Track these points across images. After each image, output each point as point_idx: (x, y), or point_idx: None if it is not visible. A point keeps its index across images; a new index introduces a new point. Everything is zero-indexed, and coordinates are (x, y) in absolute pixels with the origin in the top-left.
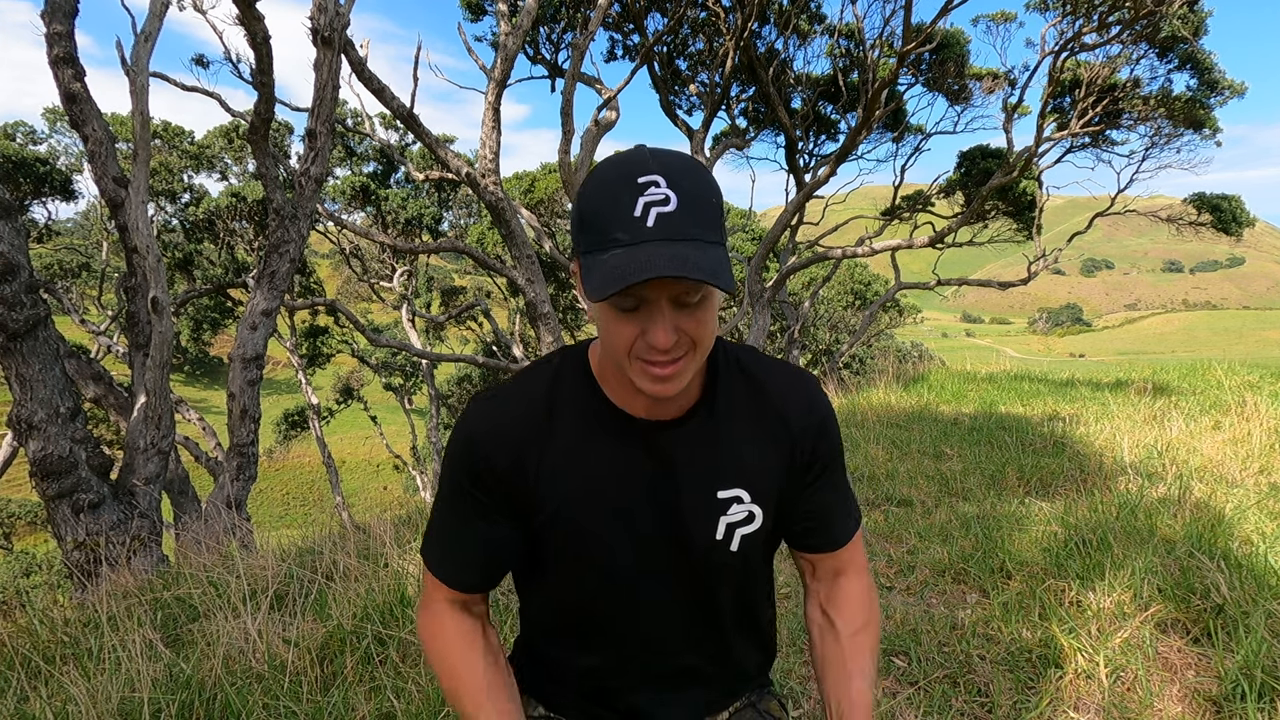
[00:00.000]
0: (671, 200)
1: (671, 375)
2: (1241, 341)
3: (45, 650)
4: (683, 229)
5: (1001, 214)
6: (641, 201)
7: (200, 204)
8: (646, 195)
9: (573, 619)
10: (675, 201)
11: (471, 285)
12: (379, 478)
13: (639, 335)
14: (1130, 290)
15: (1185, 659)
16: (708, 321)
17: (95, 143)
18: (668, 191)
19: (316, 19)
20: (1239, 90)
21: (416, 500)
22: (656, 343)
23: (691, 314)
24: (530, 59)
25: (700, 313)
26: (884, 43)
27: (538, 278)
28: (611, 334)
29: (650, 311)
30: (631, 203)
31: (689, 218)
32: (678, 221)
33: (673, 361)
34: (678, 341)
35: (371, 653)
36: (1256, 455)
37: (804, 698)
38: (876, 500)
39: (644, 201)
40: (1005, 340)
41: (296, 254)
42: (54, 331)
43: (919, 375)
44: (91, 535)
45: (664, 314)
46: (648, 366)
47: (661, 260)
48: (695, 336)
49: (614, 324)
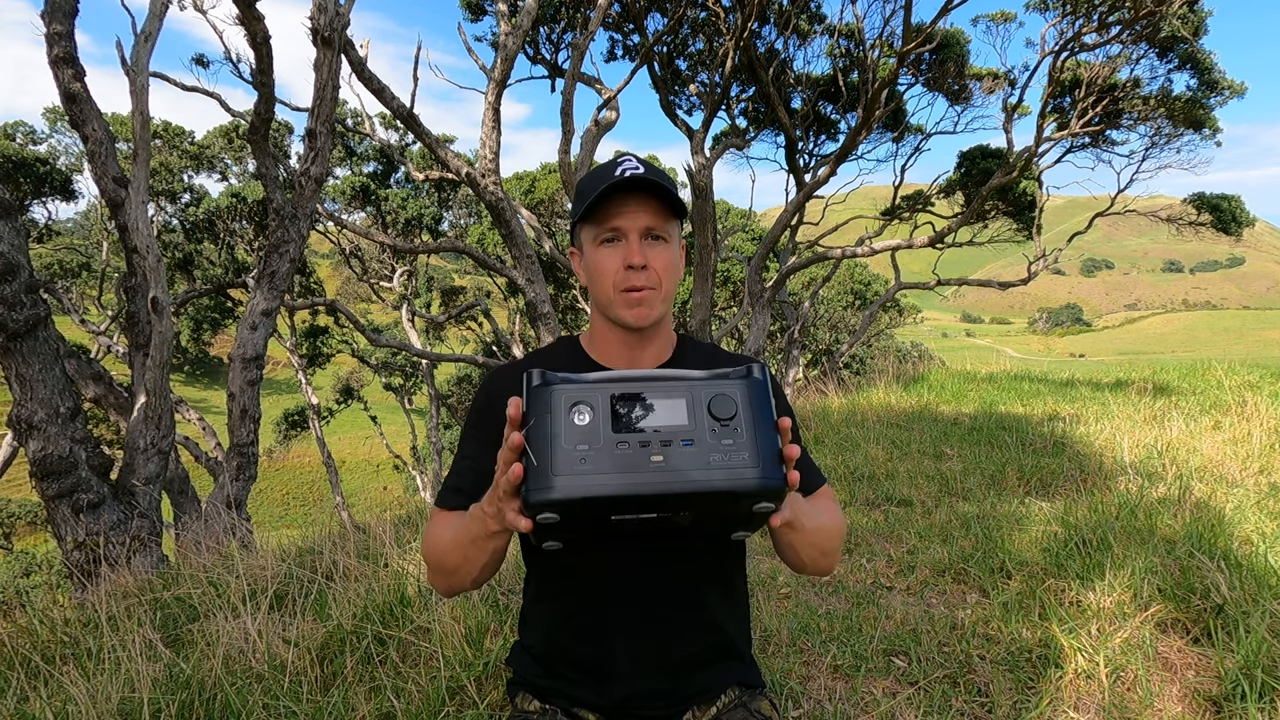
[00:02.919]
0: (640, 168)
1: (644, 299)
2: (1241, 341)
3: (45, 650)
4: (649, 178)
5: (1001, 214)
6: (619, 169)
7: (200, 204)
8: (622, 165)
9: (557, 567)
10: (643, 169)
11: (471, 285)
12: (379, 478)
13: (620, 265)
14: (1130, 290)
15: (1185, 659)
16: (670, 259)
17: (95, 143)
18: (637, 164)
19: (316, 19)
20: (1239, 90)
21: (416, 500)
22: (632, 260)
23: (656, 249)
24: (530, 59)
25: (665, 249)
26: (884, 43)
27: (538, 278)
28: (600, 269)
29: (626, 242)
30: (612, 170)
31: (654, 176)
32: (645, 176)
33: (646, 289)
34: (648, 271)
35: (371, 653)
36: (1256, 455)
37: (804, 698)
38: (876, 500)
39: (621, 168)
40: (1005, 340)
41: (296, 254)
42: (54, 331)
43: (919, 375)
44: (91, 535)
45: (636, 241)
46: (626, 294)
47: (631, 182)
48: (660, 270)
49: (601, 260)
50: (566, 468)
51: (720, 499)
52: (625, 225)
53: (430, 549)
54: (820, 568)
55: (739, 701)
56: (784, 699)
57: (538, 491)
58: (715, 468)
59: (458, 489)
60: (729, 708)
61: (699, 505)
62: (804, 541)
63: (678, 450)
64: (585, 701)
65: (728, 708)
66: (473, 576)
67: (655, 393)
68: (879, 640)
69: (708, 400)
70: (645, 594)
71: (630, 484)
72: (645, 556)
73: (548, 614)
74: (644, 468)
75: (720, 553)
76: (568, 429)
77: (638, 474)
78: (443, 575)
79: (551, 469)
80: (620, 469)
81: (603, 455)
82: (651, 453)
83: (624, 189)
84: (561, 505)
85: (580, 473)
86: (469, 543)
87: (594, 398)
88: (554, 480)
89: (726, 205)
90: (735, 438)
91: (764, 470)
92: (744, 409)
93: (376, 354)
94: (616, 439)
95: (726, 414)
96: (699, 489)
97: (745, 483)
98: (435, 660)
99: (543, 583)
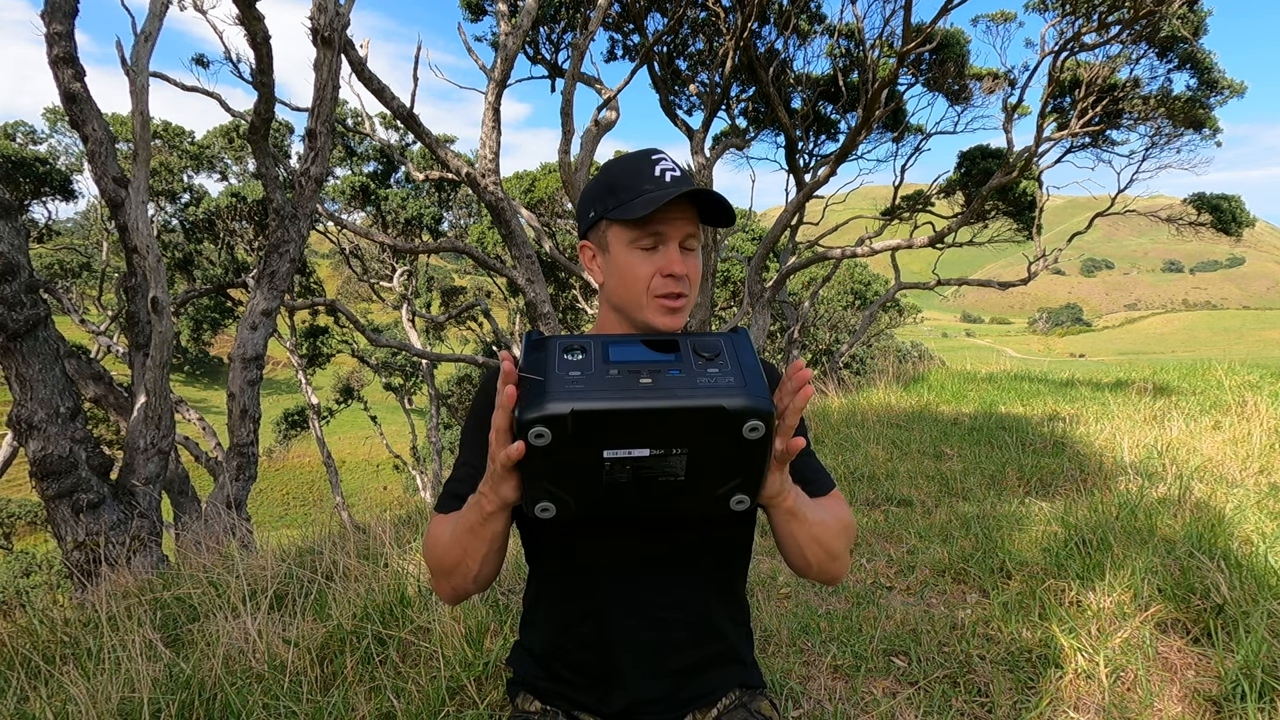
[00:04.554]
0: (677, 169)
1: (680, 308)
2: (1241, 341)
3: (45, 650)
4: (692, 182)
5: (1001, 214)
6: (658, 168)
7: (200, 204)
8: (661, 164)
9: (559, 565)
10: (679, 171)
11: (471, 285)
12: (379, 478)
13: (656, 272)
14: (1130, 290)
15: (1185, 659)
16: (700, 267)
17: (95, 143)
18: (673, 164)
19: (316, 19)
20: (1239, 90)
21: (416, 500)
22: (674, 269)
23: (690, 256)
24: (530, 59)
25: (695, 258)
26: (884, 43)
27: (538, 278)
28: (633, 276)
29: (666, 249)
30: (651, 169)
31: (691, 183)
32: (687, 182)
33: (680, 296)
34: (683, 280)
35: (371, 653)
36: (1256, 455)
37: (804, 698)
38: (876, 500)
39: (660, 168)
40: (1005, 340)
41: (296, 254)
42: (54, 331)
43: (919, 375)
44: (91, 535)
45: (677, 249)
46: (662, 301)
47: (687, 191)
48: (693, 277)
49: (636, 265)
50: (559, 389)
51: (709, 417)
52: (669, 232)
53: (430, 550)
54: (828, 571)
55: (739, 702)
56: (784, 699)
57: (529, 409)
58: (702, 388)
59: (457, 495)
60: (729, 709)
61: (689, 429)
62: (807, 535)
63: (666, 375)
64: (586, 706)
65: (728, 709)
66: (474, 573)
67: (645, 339)
68: (879, 640)
69: (693, 344)
70: (647, 603)
71: (620, 399)
72: (645, 562)
73: (548, 619)
74: (634, 388)
75: (722, 559)
76: (561, 362)
77: (628, 392)
78: (444, 576)
79: (545, 392)
80: (611, 389)
81: (595, 379)
82: (641, 377)
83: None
84: (552, 420)
85: (572, 392)
86: (466, 532)
87: (587, 343)
88: (546, 400)
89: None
90: (721, 367)
91: (751, 391)
92: (728, 350)
93: (376, 354)
94: (608, 368)
95: (712, 352)
96: (687, 404)
97: (732, 400)
98: (435, 660)
99: (543, 585)
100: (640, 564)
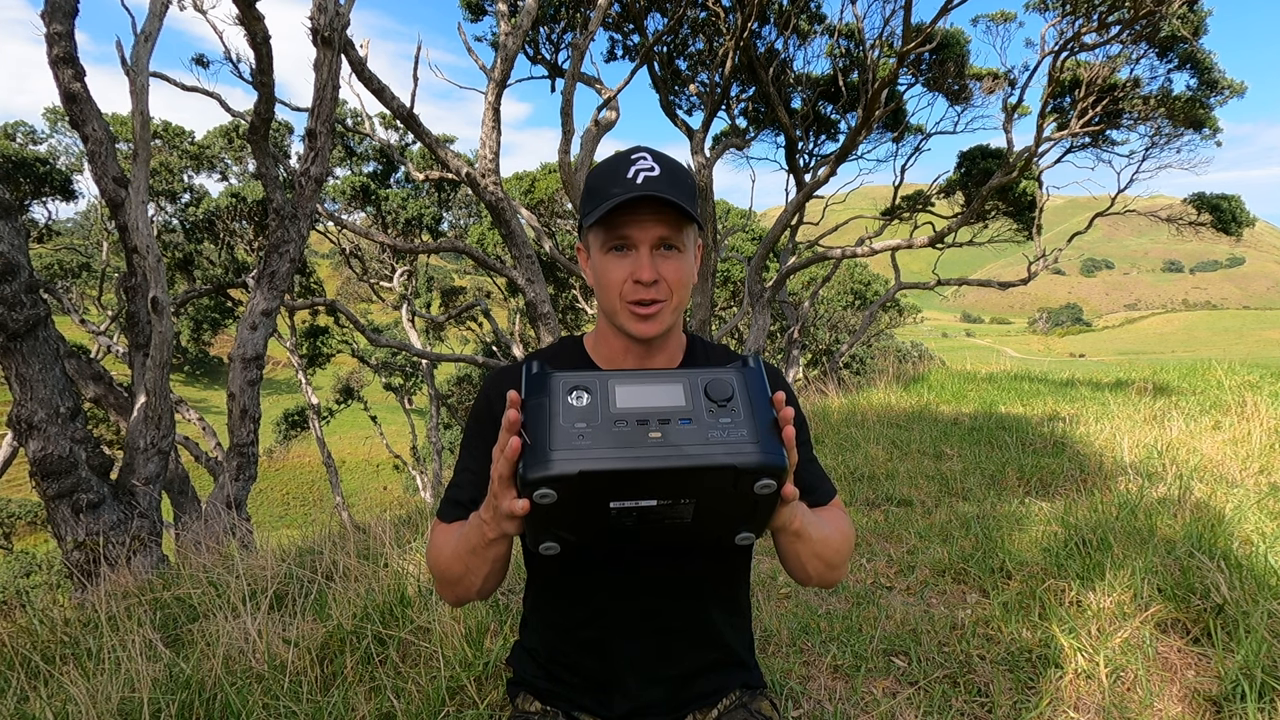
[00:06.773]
0: (656, 169)
1: (653, 314)
2: (1241, 341)
3: (45, 650)
4: (664, 190)
5: (1001, 214)
6: (633, 169)
7: (200, 204)
8: (637, 164)
9: (558, 573)
10: (659, 170)
11: (471, 285)
12: (379, 478)
13: (628, 276)
14: (1130, 290)
15: (1185, 659)
16: (683, 270)
17: (95, 143)
18: (654, 164)
19: (316, 19)
20: (1239, 90)
21: (416, 500)
22: (642, 275)
23: (669, 260)
24: (530, 59)
25: (677, 261)
26: (884, 43)
27: (538, 278)
28: (608, 279)
29: (637, 254)
30: (625, 170)
31: (668, 183)
32: (660, 183)
33: (654, 302)
34: (659, 284)
35: (371, 653)
36: (1256, 455)
37: (804, 697)
38: (876, 500)
39: (635, 169)
40: (1005, 340)
41: (296, 254)
42: (54, 331)
43: (919, 375)
44: (91, 535)
45: (647, 255)
46: (634, 308)
47: (646, 195)
48: (672, 281)
49: (609, 268)
50: (564, 444)
51: (720, 476)
52: (637, 236)
53: (434, 560)
54: (826, 580)
55: (739, 702)
56: (784, 699)
57: (534, 468)
58: (714, 443)
59: (457, 502)
60: (730, 709)
61: (699, 485)
62: (809, 552)
63: (676, 428)
64: (587, 708)
65: (728, 709)
66: (477, 586)
67: (653, 379)
68: (879, 640)
69: (704, 384)
70: (646, 611)
71: (628, 459)
72: (646, 573)
73: (548, 623)
74: (642, 444)
75: (724, 569)
76: (565, 409)
77: (636, 449)
78: (448, 585)
79: (549, 445)
80: (618, 445)
81: (601, 432)
82: (650, 430)
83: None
84: (558, 481)
85: (578, 448)
86: (469, 552)
87: (592, 383)
88: (551, 455)
89: (726, 205)
90: (733, 417)
91: (763, 446)
92: (740, 392)
93: (376, 354)
94: (614, 417)
95: (723, 396)
96: (698, 464)
97: (745, 458)
98: (435, 660)
99: (542, 591)
100: (640, 572)
